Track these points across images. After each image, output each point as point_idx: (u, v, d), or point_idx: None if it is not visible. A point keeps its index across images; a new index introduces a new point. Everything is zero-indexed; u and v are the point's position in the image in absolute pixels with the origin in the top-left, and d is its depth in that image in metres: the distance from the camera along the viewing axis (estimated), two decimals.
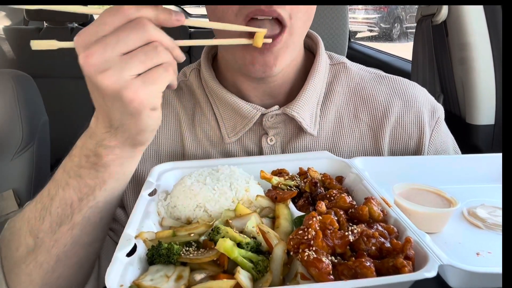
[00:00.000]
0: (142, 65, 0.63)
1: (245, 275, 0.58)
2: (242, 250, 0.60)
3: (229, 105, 0.97)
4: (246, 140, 1.00)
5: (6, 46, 2.96)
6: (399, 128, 1.01)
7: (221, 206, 0.73)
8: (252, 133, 0.99)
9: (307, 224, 0.62)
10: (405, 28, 10.04)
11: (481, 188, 0.87)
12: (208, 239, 0.64)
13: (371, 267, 0.56)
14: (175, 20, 0.66)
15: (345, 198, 0.71)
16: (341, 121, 1.02)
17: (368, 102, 1.03)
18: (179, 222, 0.74)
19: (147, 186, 0.79)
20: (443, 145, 1.05)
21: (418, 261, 0.58)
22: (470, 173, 0.90)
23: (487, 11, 1.63)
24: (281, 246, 0.61)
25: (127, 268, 0.57)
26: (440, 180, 0.85)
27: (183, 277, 0.58)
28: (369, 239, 0.62)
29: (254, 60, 0.85)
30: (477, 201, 0.82)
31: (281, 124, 0.99)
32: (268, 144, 0.98)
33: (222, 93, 0.98)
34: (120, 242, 0.61)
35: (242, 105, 0.96)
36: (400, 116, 1.02)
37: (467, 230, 0.75)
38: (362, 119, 1.02)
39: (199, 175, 0.79)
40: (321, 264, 0.56)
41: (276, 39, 0.83)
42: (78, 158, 0.76)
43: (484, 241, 0.71)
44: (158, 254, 0.60)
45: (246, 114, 0.96)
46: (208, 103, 1.02)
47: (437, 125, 1.04)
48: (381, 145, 1.00)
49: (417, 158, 0.96)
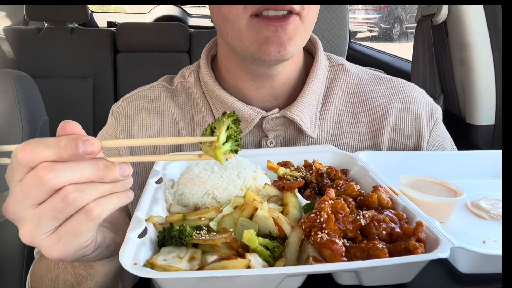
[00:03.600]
0: (54, 220, 0.55)
1: (257, 260, 0.58)
2: (260, 238, 0.60)
3: (228, 108, 0.96)
4: (246, 142, 0.99)
5: (6, 46, 2.93)
6: (398, 129, 1.02)
7: (230, 193, 0.73)
8: (252, 135, 0.99)
9: (319, 207, 0.62)
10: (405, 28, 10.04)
11: (483, 183, 0.89)
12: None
13: (384, 248, 0.56)
14: (83, 155, 0.53)
15: (353, 186, 0.72)
16: (340, 123, 1.02)
17: (367, 104, 1.03)
18: (186, 209, 0.73)
19: (153, 174, 0.78)
20: (441, 146, 1.06)
21: (429, 245, 0.59)
22: (472, 169, 0.92)
23: (487, 11, 1.66)
24: (297, 233, 0.62)
25: (139, 248, 0.57)
26: (442, 175, 0.86)
27: (195, 258, 0.58)
28: (379, 223, 0.62)
29: (268, 40, 0.81)
30: (479, 194, 0.83)
31: (281, 127, 0.99)
32: (268, 146, 0.98)
33: (222, 95, 0.97)
34: (131, 224, 0.60)
35: (242, 108, 0.95)
36: (399, 117, 1.02)
37: (472, 221, 0.76)
38: (361, 120, 1.03)
39: (206, 164, 0.79)
40: (334, 245, 0.57)
41: (289, 18, 0.80)
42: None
43: (489, 231, 0.72)
44: (170, 236, 0.60)
45: (246, 117, 0.95)
46: (207, 105, 1.01)
47: (435, 126, 1.05)
48: (380, 146, 1.01)
49: (420, 153, 0.98)
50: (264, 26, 0.81)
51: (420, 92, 1.08)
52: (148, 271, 0.52)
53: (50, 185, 0.53)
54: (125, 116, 1.04)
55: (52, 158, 0.53)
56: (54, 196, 0.54)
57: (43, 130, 1.76)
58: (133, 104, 1.05)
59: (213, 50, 1.09)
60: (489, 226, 0.74)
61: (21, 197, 0.54)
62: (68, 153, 0.53)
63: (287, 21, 0.80)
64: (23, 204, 0.54)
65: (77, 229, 0.56)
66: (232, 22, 0.83)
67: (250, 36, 0.83)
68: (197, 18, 5.43)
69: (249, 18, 0.81)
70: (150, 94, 1.06)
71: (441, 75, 1.85)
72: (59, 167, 0.53)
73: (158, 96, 1.06)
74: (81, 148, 0.53)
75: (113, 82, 3.15)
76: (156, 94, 1.06)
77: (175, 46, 3.15)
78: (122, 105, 1.06)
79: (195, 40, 3.17)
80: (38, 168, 0.53)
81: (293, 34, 0.83)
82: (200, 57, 1.06)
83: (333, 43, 1.86)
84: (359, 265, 0.53)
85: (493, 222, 0.75)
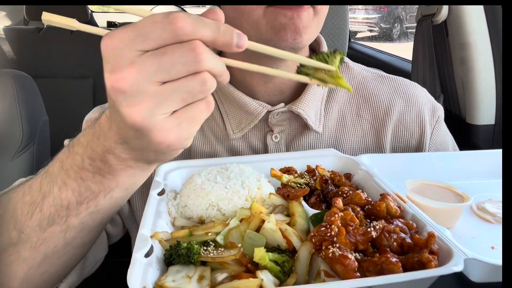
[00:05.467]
0: (182, 103, 0.53)
1: (268, 277, 0.56)
2: (269, 254, 0.58)
3: (235, 102, 0.96)
4: (251, 136, 0.99)
5: (6, 46, 2.88)
6: (401, 127, 1.03)
7: (235, 204, 0.71)
8: (257, 130, 0.99)
9: (329, 220, 0.61)
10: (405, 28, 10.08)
11: (487, 183, 0.89)
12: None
13: (398, 262, 0.55)
14: (235, 46, 0.53)
15: (361, 195, 0.70)
16: (344, 119, 1.03)
17: (370, 101, 1.04)
18: (191, 221, 0.72)
19: (155, 186, 0.76)
20: (443, 144, 1.07)
21: (442, 256, 0.58)
22: (475, 169, 0.91)
23: (487, 11, 1.66)
24: (307, 247, 0.60)
25: (147, 269, 0.55)
26: (445, 176, 0.85)
27: (205, 277, 0.56)
28: (390, 234, 0.61)
29: (285, 27, 0.81)
30: (483, 196, 0.83)
31: (286, 122, 0.99)
32: (273, 141, 0.98)
33: (229, 89, 0.97)
34: (137, 243, 0.59)
35: (249, 102, 0.95)
36: (401, 115, 1.03)
37: (479, 225, 0.75)
38: (365, 117, 1.03)
39: (209, 174, 0.77)
40: (347, 260, 0.56)
41: (304, 6, 0.81)
42: (80, 158, 0.65)
43: (496, 235, 0.72)
44: (177, 254, 0.58)
45: (252, 111, 0.95)
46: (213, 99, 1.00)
47: (438, 124, 1.06)
48: (383, 143, 1.02)
49: (422, 155, 0.97)
50: (281, 13, 0.81)
51: (423, 91, 1.09)
52: None
53: (201, 65, 0.51)
54: None
55: (209, 39, 0.51)
56: (193, 78, 0.52)
57: (43, 130, 1.76)
58: None
59: None
60: (496, 230, 0.73)
61: (155, 67, 0.50)
62: (225, 39, 0.52)
63: (303, 8, 0.81)
64: (152, 77, 0.50)
65: (196, 117, 0.55)
66: (248, 14, 0.83)
67: (266, 23, 0.82)
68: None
69: (265, 7, 0.82)
70: None
71: (441, 75, 1.85)
72: (211, 54, 0.52)
73: None
74: (235, 39, 0.52)
75: None
76: None
77: None
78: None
79: None
80: (196, 44, 0.50)
81: (307, 24, 0.83)
82: None
83: (333, 43, 1.85)
84: (374, 282, 0.52)
85: (499, 225, 0.74)
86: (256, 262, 0.58)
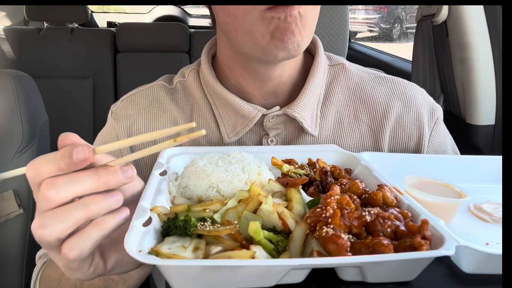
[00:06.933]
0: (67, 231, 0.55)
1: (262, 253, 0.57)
2: (264, 231, 0.60)
3: (229, 106, 0.96)
4: (246, 140, 0.99)
5: (6, 46, 2.93)
6: (399, 128, 1.03)
7: (234, 187, 0.73)
8: (252, 133, 0.99)
9: (325, 202, 0.62)
10: (405, 28, 9.97)
11: (486, 188, 0.89)
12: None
13: (390, 245, 0.56)
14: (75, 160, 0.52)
15: (358, 184, 0.72)
16: (341, 122, 1.02)
17: (367, 103, 1.04)
18: (190, 201, 0.73)
19: (158, 166, 0.78)
20: (442, 145, 1.06)
21: (434, 243, 0.58)
22: (475, 174, 0.91)
23: (487, 11, 1.66)
24: (302, 227, 0.61)
25: (144, 237, 0.57)
26: (445, 178, 0.86)
27: (200, 248, 0.57)
28: (385, 220, 0.62)
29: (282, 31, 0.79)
30: (482, 198, 0.83)
31: (281, 125, 0.99)
32: (269, 145, 0.98)
33: (223, 93, 0.97)
34: (136, 213, 0.60)
35: (244, 106, 0.95)
36: (399, 117, 1.03)
37: (475, 223, 0.76)
38: (362, 119, 1.03)
39: (211, 158, 0.79)
40: (340, 240, 0.56)
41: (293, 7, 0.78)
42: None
43: (492, 233, 0.72)
44: (174, 225, 0.60)
45: (247, 115, 0.95)
46: (207, 103, 1.01)
47: (436, 125, 1.05)
48: (381, 145, 1.02)
49: (423, 156, 0.98)
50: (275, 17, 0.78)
51: (421, 92, 1.08)
52: (153, 258, 0.51)
53: (55, 201, 0.53)
54: (125, 116, 1.03)
55: (53, 171, 0.53)
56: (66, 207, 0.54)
57: (43, 130, 1.76)
58: (133, 104, 1.05)
59: (213, 49, 1.08)
60: (492, 229, 0.74)
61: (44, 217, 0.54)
62: (65, 162, 0.52)
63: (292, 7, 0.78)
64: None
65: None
66: (242, 18, 0.81)
67: (263, 28, 0.80)
68: (197, 18, 5.41)
69: (261, 12, 0.79)
70: (149, 94, 1.06)
71: (441, 75, 1.84)
72: (59, 182, 0.53)
73: (158, 95, 1.06)
74: (74, 155, 0.52)
75: (113, 82, 3.15)
76: (155, 94, 1.06)
77: (175, 46, 3.15)
78: (122, 105, 1.06)
79: (195, 40, 3.18)
80: (42, 186, 0.53)
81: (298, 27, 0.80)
82: (201, 56, 1.06)
83: (333, 43, 1.85)
84: (365, 259, 0.53)
85: (495, 225, 0.75)
86: (251, 240, 0.60)
